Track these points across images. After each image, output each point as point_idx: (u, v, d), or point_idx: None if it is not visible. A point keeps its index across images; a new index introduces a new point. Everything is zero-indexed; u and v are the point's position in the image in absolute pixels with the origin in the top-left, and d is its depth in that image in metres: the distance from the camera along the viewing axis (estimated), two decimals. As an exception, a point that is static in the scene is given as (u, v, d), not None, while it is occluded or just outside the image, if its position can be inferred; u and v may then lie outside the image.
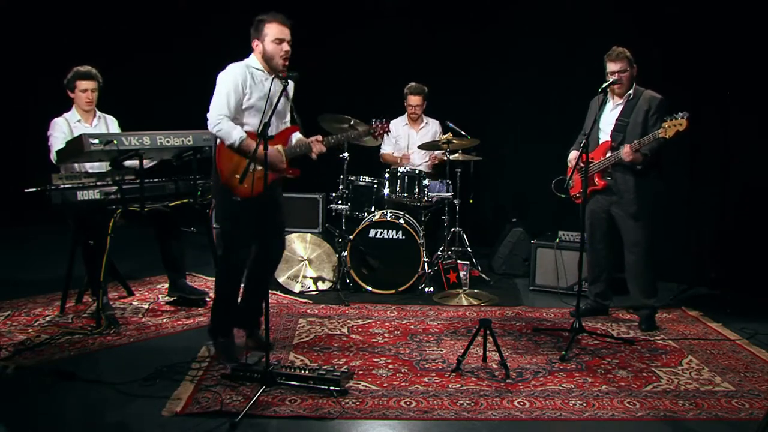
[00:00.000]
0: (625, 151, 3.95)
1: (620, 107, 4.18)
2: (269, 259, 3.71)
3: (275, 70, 3.40)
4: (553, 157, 4.70)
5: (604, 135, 4.20)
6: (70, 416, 2.91)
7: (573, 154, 4.37)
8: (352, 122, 4.80)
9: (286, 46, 3.39)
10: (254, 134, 3.34)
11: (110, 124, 4.52)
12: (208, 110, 3.35)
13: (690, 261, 5.33)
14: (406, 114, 5.75)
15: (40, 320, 4.10)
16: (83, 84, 4.29)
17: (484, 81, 6.50)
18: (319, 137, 3.54)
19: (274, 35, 3.36)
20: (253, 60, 3.45)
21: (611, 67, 4.10)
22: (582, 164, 3.93)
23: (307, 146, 3.51)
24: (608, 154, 4.12)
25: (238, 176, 3.10)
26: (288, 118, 3.63)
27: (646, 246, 4.15)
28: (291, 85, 3.56)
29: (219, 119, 3.30)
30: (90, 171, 4.13)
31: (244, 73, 3.36)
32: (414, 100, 5.60)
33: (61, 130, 4.23)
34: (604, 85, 4.02)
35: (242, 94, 3.35)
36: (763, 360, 3.67)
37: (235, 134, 3.30)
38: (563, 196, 4.29)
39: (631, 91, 4.15)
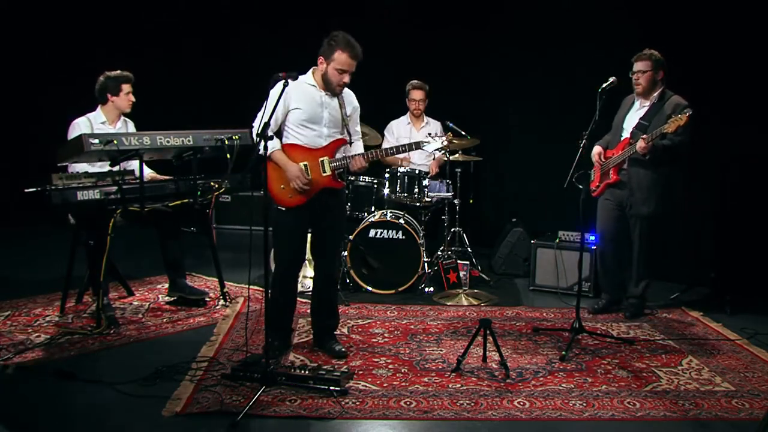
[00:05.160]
0: (640, 146, 4.05)
1: (645, 109, 4.28)
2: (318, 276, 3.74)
3: (330, 92, 3.51)
4: (553, 158, 4.69)
5: (626, 133, 4.33)
6: (71, 416, 2.91)
7: (596, 149, 4.50)
8: None
9: (346, 78, 3.47)
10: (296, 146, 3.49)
11: (130, 128, 4.47)
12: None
13: (690, 261, 5.32)
14: (408, 113, 5.76)
15: (40, 320, 4.10)
16: (128, 87, 4.25)
17: (484, 81, 6.50)
18: (363, 152, 3.56)
19: (339, 65, 3.42)
20: (309, 77, 3.51)
21: (634, 66, 4.24)
22: (603, 159, 4.19)
23: (346, 161, 3.52)
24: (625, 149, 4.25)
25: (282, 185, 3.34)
26: (340, 128, 3.58)
27: (646, 244, 4.29)
28: (351, 97, 3.65)
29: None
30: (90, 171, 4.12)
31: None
32: (417, 94, 5.63)
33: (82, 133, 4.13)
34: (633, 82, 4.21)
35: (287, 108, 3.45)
36: (763, 360, 3.67)
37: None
38: (581, 186, 4.31)
39: (656, 95, 4.24)
